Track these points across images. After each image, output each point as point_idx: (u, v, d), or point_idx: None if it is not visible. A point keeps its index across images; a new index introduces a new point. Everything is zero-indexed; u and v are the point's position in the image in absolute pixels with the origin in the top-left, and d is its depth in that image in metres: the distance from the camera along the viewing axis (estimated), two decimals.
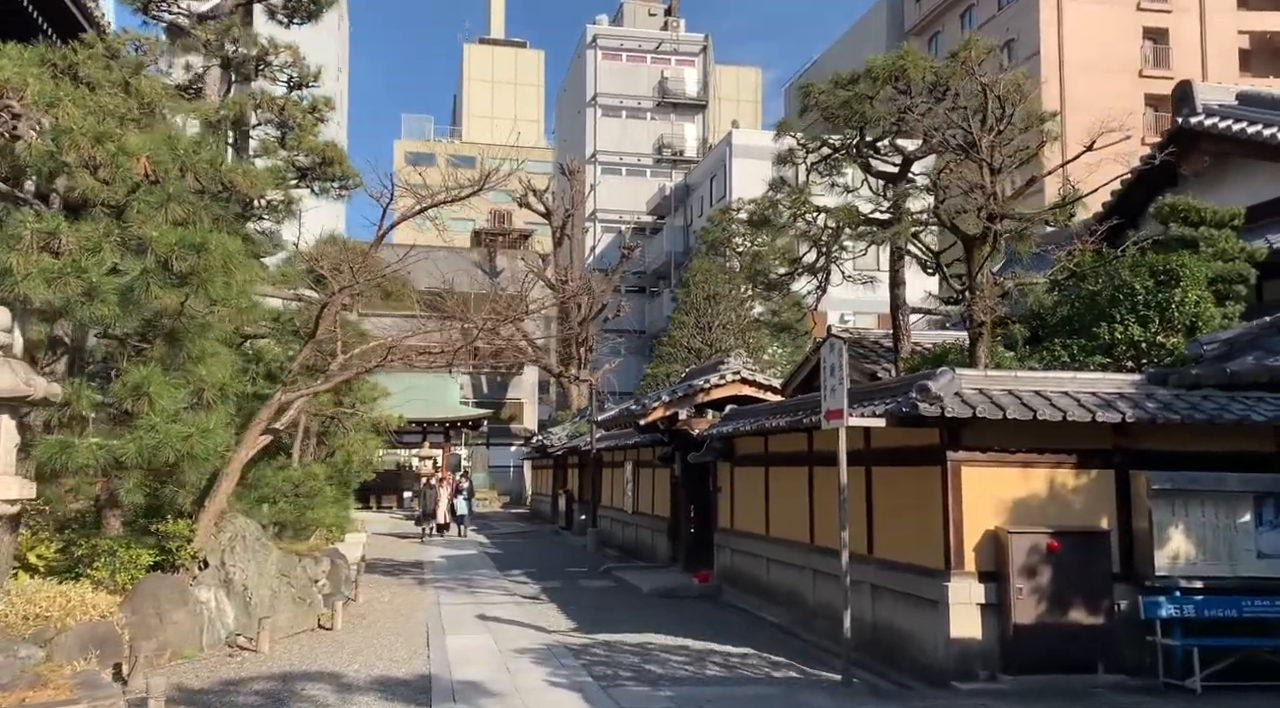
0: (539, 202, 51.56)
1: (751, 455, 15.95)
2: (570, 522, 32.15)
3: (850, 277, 14.19)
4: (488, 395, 54.57)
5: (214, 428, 9.21)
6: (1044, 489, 10.18)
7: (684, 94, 63.26)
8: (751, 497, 15.86)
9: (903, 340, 13.38)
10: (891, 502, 11.39)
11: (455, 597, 16.33)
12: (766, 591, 15.02)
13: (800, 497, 13.85)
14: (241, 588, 11.41)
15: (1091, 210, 12.77)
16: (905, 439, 10.86)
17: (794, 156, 13.66)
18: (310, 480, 14.59)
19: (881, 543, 11.59)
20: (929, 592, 10.29)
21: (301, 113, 14.62)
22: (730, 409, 16.92)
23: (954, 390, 10.01)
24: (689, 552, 19.62)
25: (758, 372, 18.19)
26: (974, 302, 11.15)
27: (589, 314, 48.91)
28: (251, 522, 11.86)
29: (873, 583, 11.66)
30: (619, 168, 62.58)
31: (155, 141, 8.96)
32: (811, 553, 13.44)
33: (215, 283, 8.94)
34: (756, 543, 15.49)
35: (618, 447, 25.09)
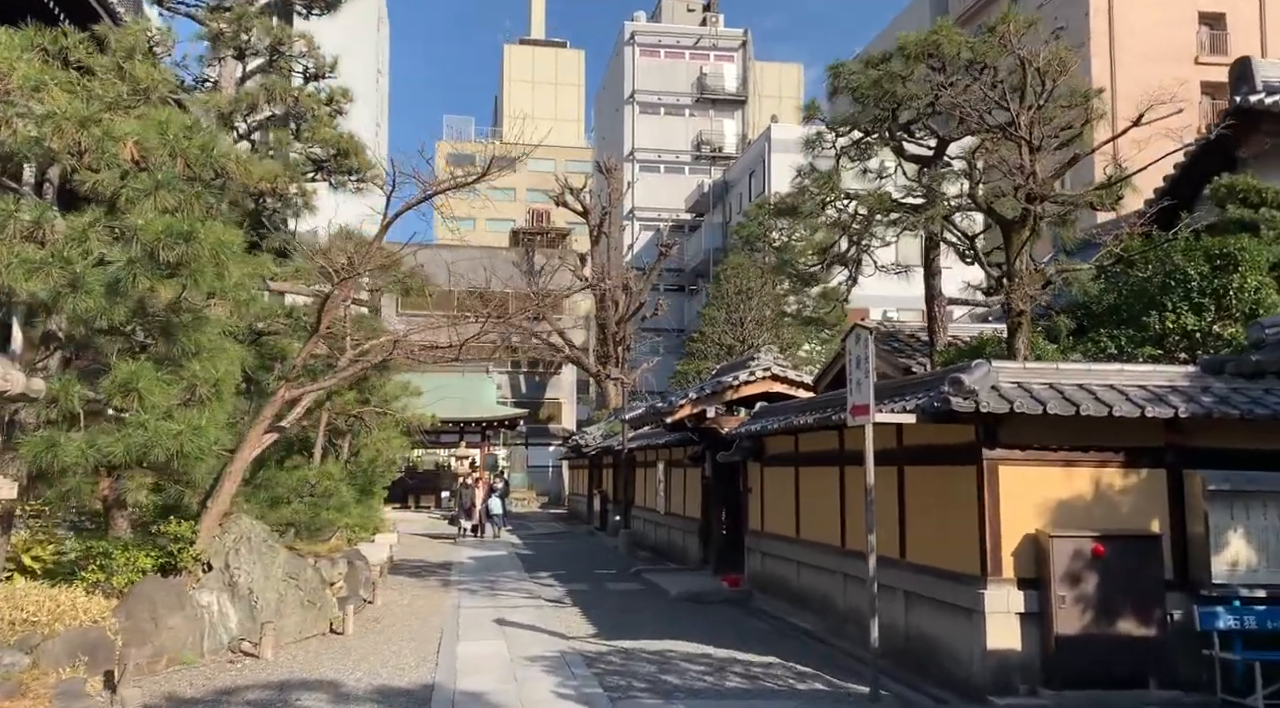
0: (576, 200, 51.20)
1: (781, 455, 15.32)
2: (605, 523, 31.68)
3: (884, 267, 13.50)
4: (526, 395, 54.33)
5: (206, 426, 8.81)
6: (1089, 490, 9.45)
7: (723, 90, 62.54)
8: (782, 498, 15.23)
9: (939, 333, 12.68)
10: (925, 503, 10.72)
11: (477, 600, 15.89)
12: (797, 596, 14.38)
13: (831, 498, 13.21)
14: (246, 591, 11.04)
15: (1141, 193, 11.93)
16: (939, 437, 10.20)
17: (822, 141, 13.01)
18: (326, 481, 14.21)
19: (914, 547, 10.93)
20: (964, 599, 9.61)
21: (316, 104, 14.25)
22: (760, 407, 16.31)
23: (990, 384, 9.33)
24: (720, 554, 19.02)
25: (789, 368, 17.55)
26: (1012, 290, 10.44)
27: (626, 313, 48.42)
28: (258, 523, 11.50)
29: (905, 589, 10.99)
30: (657, 165, 62.03)
31: (144, 127, 8.59)
32: (843, 557, 12.79)
33: (205, 274, 8.54)
34: (787, 546, 14.86)
35: (650, 446, 24.56)
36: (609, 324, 48.41)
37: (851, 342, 9.58)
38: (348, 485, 18.57)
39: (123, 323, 8.79)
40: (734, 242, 34.79)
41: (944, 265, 13.61)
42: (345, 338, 11.64)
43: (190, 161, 8.72)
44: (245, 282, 9.77)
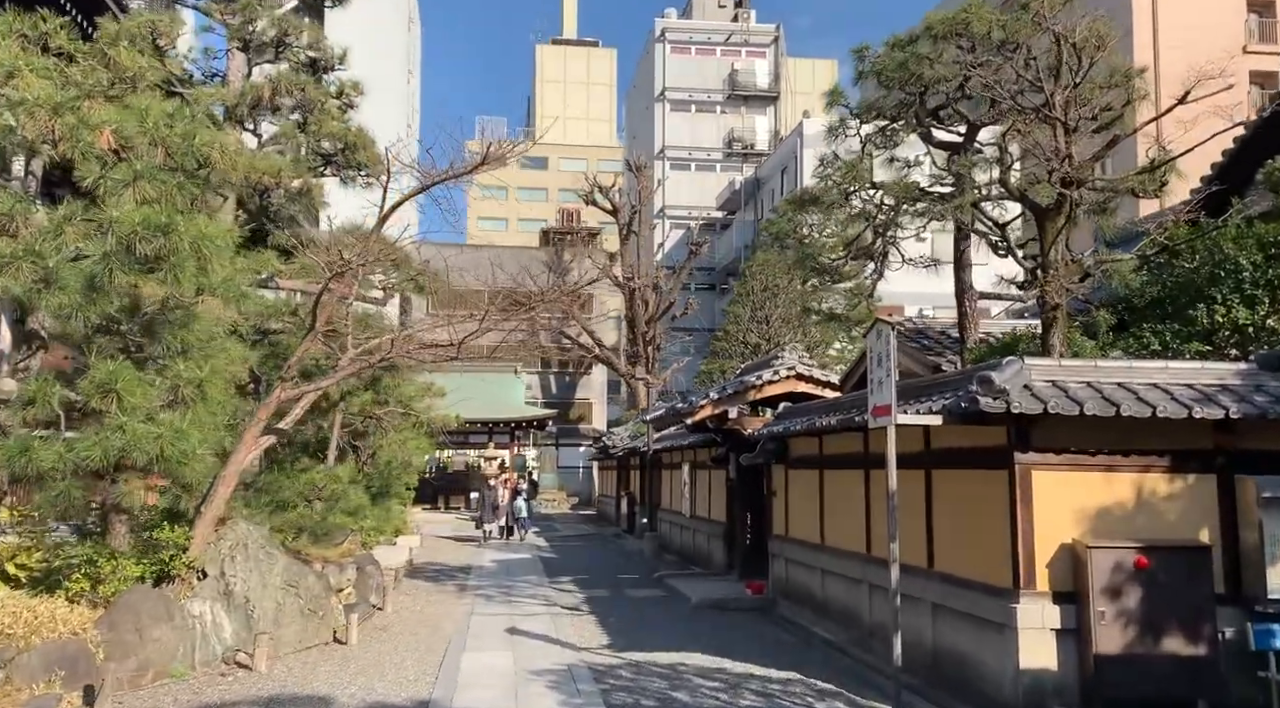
0: (605, 199, 50.73)
1: (805, 457, 14.70)
2: (633, 525, 31.14)
3: (912, 261, 12.82)
4: (556, 396, 53.98)
5: (188, 428, 8.39)
6: (1130, 497, 8.76)
7: (755, 86, 61.81)
8: (806, 502, 14.60)
9: (969, 329, 11.99)
10: (953, 510, 10.06)
11: (491, 607, 15.42)
12: (821, 604, 13.75)
13: (856, 503, 12.57)
14: (243, 600, 10.63)
15: (1188, 180, 11.15)
16: (967, 439, 9.55)
17: (845, 128, 12.36)
18: (334, 484, 13.79)
19: (942, 556, 10.27)
20: (995, 614, 8.96)
21: (324, 97, 13.84)
22: (784, 407, 15.69)
23: (1022, 383, 8.67)
24: (744, 559, 18.40)
25: (815, 367, 16.89)
26: (1047, 281, 9.74)
27: (656, 312, 47.87)
28: (256, 528, 11.09)
29: (933, 601, 10.34)
30: (688, 163, 61.44)
31: (122, 114, 8.18)
32: (868, 565, 12.15)
33: (186, 268, 8.11)
34: (811, 552, 14.23)
35: (674, 447, 23.97)
36: (639, 323, 47.89)
37: (872, 337, 8.96)
38: (363, 488, 18.23)
39: (105, 321, 8.37)
40: (764, 239, 34.14)
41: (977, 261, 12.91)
42: (348, 336, 11.18)
43: (171, 151, 8.31)
44: (236, 277, 9.31)
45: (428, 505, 43.34)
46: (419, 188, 10.53)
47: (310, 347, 10.32)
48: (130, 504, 10.35)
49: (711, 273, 57.07)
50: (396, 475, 19.44)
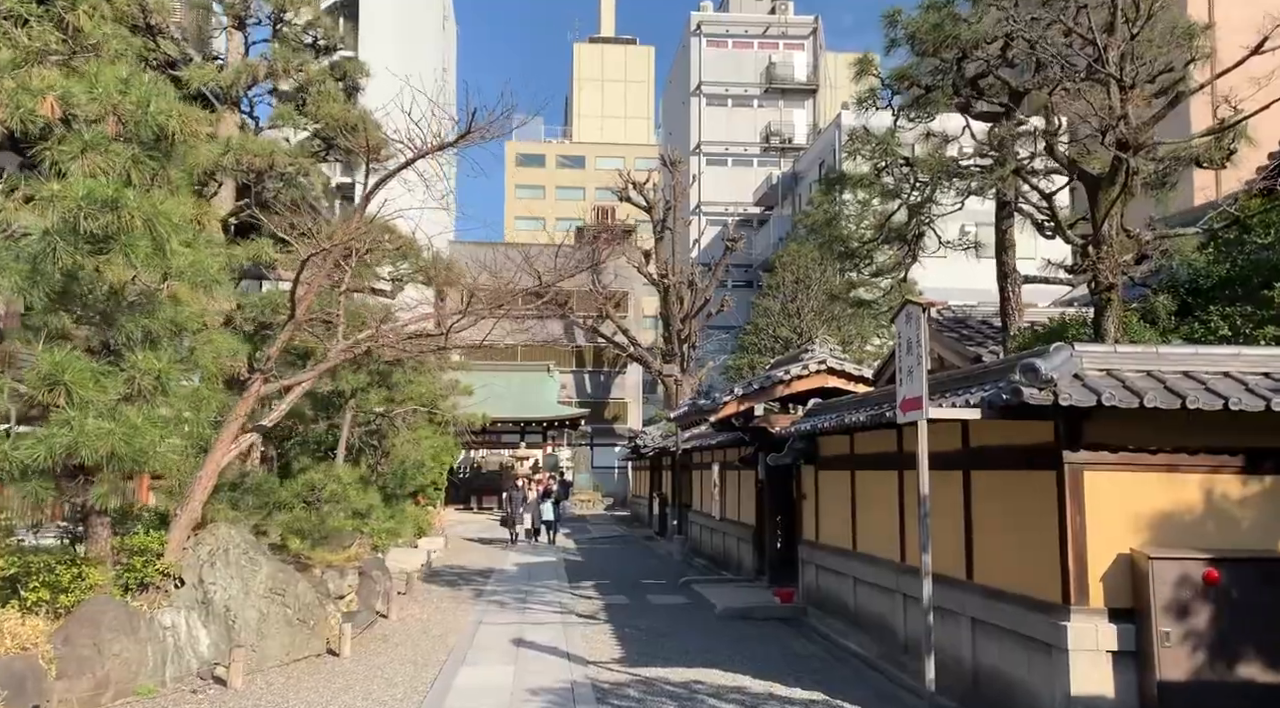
0: (640, 195, 49.87)
1: (836, 457, 13.71)
2: (664, 527, 30.24)
3: (949, 243, 11.80)
4: (591, 395, 53.23)
5: (143, 425, 7.65)
6: (1198, 501, 7.70)
7: (792, 79, 60.56)
8: (837, 505, 13.61)
9: (1012, 315, 10.94)
10: (995, 514, 9.04)
11: (503, 614, 14.61)
12: (852, 615, 12.76)
13: (889, 507, 11.58)
14: (222, 609, 9.90)
15: (1260, 148, 10.00)
16: (1011, 436, 8.55)
17: (875, 99, 11.36)
18: (333, 484, 13.05)
19: (983, 566, 9.25)
20: (1042, 632, 7.95)
21: (324, 76, 13.11)
22: (813, 404, 14.70)
23: (1072, 372, 7.67)
24: (774, 565, 17.44)
25: (847, 361, 15.87)
26: (1100, 259, 8.69)
27: (691, 309, 46.91)
28: (238, 532, 10.36)
29: (973, 616, 9.33)
30: (724, 158, 60.39)
31: (69, 81, 7.47)
32: (902, 574, 11.15)
33: (138, 248, 7.37)
34: (842, 559, 13.24)
35: (704, 447, 23.04)
36: (673, 321, 46.97)
37: (901, 322, 7.98)
38: (376, 489, 17.54)
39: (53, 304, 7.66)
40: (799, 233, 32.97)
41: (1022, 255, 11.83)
42: (339, 328, 10.42)
43: (125, 119, 7.57)
44: (207, 262, 8.56)
45: (461, 506, 42.84)
46: (404, 163, 9.74)
47: (290, 337, 9.57)
48: (104, 506, 9.70)
49: (748, 270, 55.93)
50: (412, 476, 18.69)
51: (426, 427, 19.98)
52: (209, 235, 13.62)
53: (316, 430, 17.85)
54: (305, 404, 17.05)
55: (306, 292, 9.47)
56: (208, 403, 10.48)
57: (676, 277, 47.45)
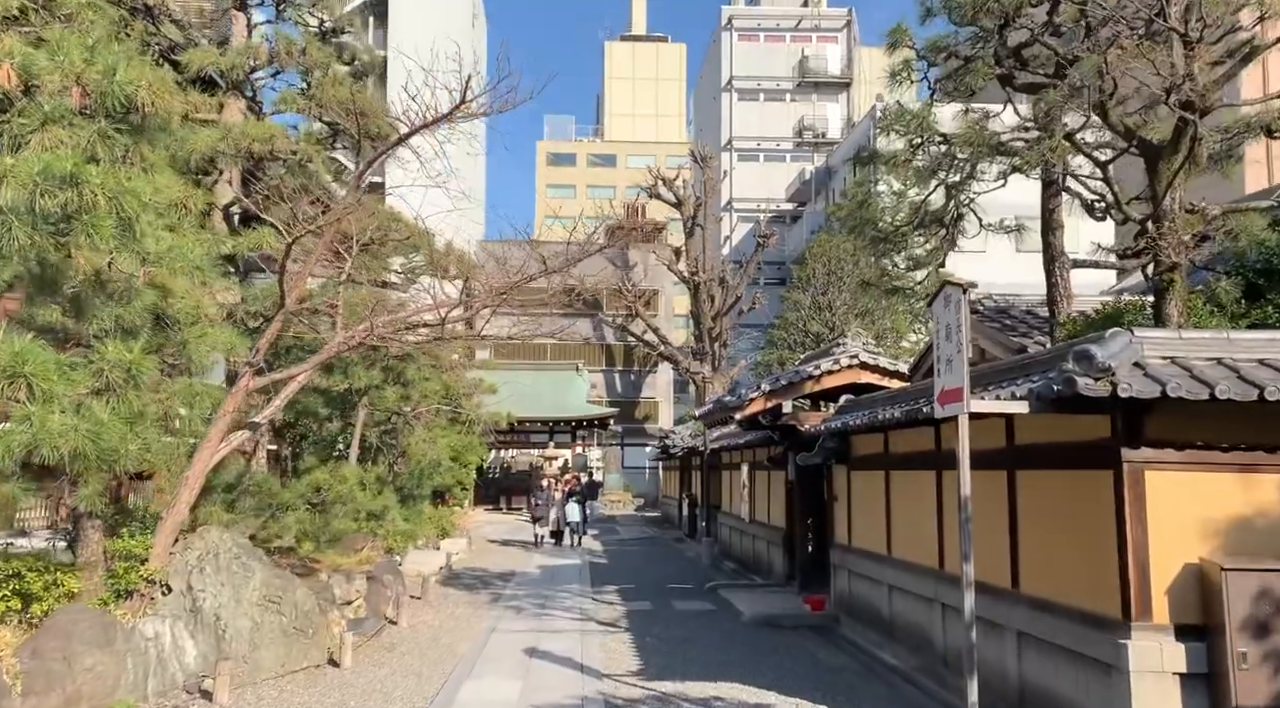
0: (670, 191, 49.14)
1: (869, 457, 12.91)
2: (694, 529, 29.46)
3: (990, 226, 10.96)
4: (621, 394, 52.54)
5: (109, 421, 7.06)
6: (1276, 505, 6.86)
7: (826, 72, 59.52)
8: (870, 507, 12.81)
9: (1060, 302, 10.09)
10: (1044, 518, 8.23)
11: (518, 621, 13.95)
12: (887, 624, 11.96)
13: (926, 510, 10.78)
14: (212, 618, 9.32)
15: None
16: (1062, 432, 7.75)
17: (910, 71, 10.56)
18: (340, 485, 12.44)
19: (1030, 575, 8.44)
20: (1099, 650, 7.14)
21: (330, 59, 12.53)
22: (845, 400, 13.90)
23: (1131, 359, 6.87)
24: (805, 570, 16.63)
25: (880, 355, 15.05)
26: (1162, 236, 7.85)
27: (722, 307, 46.13)
28: (230, 535, 9.78)
29: (1019, 630, 8.52)
30: (756, 154, 59.47)
31: (29, 50, 6.90)
32: (940, 582, 10.35)
33: (102, 229, 6.77)
34: (876, 565, 12.44)
35: (732, 447, 22.27)
36: (704, 320, 46.21)
37: (939, 306, 7.20)
38: (391, 489, 16.97)
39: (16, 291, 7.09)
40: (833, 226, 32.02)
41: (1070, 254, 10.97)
42: (336, 319, 9.81)
43: (91, 90, 6.99)
44: (187, 247, 7.97)
45: (490, 506, 42.38)
46: (396, 141, 9.11)
47: (280, 328, 8.98)
48: (91, 508, 9.17)
49: (780, 267, 54.96)
50: (429, 475, 18.09)
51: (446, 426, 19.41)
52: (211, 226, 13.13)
53: (330, 429, 17.32)
54: (318, 402, 16.54)
55: (298, 280, 8.88)
56: (201, 399, 9.91)
57: (707, 274, 46.69)
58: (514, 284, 9.44)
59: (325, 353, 9.48)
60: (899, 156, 10.29)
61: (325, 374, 16.04)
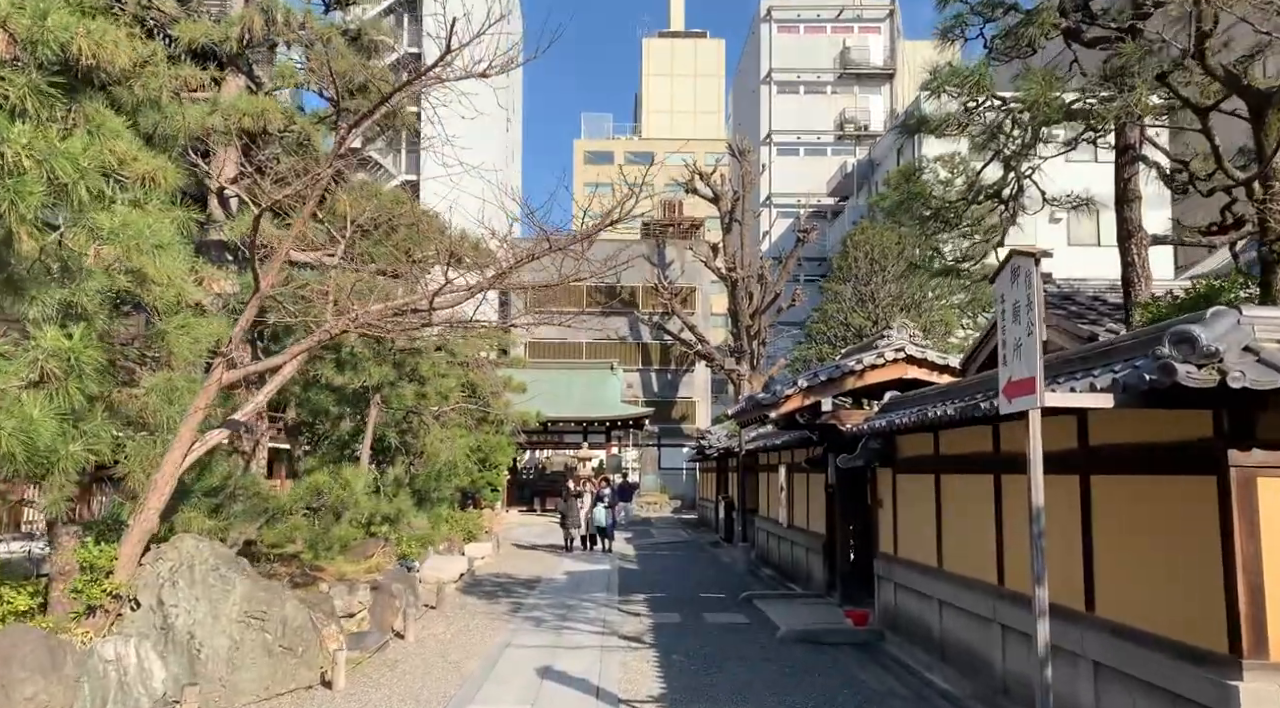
0: (707, 186, 48.03)
1: (917, 459, 11.75)
2: (730, 533, 28.33)
3: (1054, 201, 9.78)
4: (658, 394, 51.49)
5: (40, 418, 6.15)
6: None
7: (868, 63, 57.99)
8: (919, 515, 11.66)
9: (1137, 284, 8.89)
10: (1126, 531, 7.06)
11: (535, 635, 12.96)
12: (938, 644, 10.81)
13: (983, 518, 9.62)
14: (186, 637, 8.42)
15: None
16: (1150, 430, 6.59)
17: (963, 27, 9.40)
18: (340, 490, 11.53)
19: (1109, 596, 7.27)
20: (1200, 691, 5.98)
21: (331, 32, 11.63)
22: (890, 397, 12.74)
23: (1241, 343, 5.70)
24: (846, 580, 15.48)
25: (929, 348, 13.86)
26: (1271, 198, 6.66)
27: (761, 305, 44.92)
28: (208, 544, 8.88)
29: (1095, 659, 7.35)
30: (796, 148, 58.09)
31: None
32: (1000, 600, 9.19)
33: (28, 196, 5.87)
34: (925, 578, 11.29)
35: (769, 448, 21.12)
36: (742, 317, 45.04)
37: (1004, 281, 6.07)
38: (407, 492, 16.09)
39: None
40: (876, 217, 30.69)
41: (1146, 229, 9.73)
42: (328, 307, 8.88)
43: (19, 38, 6.09)
44: (141, 223, 7.07)
45: (525, 508, 41.60)
46: (377, 104, 8.13)
47: (255, 314, 8.06)
48: (55, 514, 8.34)
49: (821, 263, 53.57)
50: (447, 477, 17.17)
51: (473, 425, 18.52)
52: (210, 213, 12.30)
53: (344, 429, 16.48)
54: (329, 400, 15.70)
55: (275, 260, 7.98)
56: (182, 395, 9.03)
57: (745, 271, 45.50)
58: (514, 265, 8.44)
59: (308, 344, 8.55)
60: (951, 119, 9.14)
61: (337, 370, 15.21)
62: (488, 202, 10.35)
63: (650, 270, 51.71)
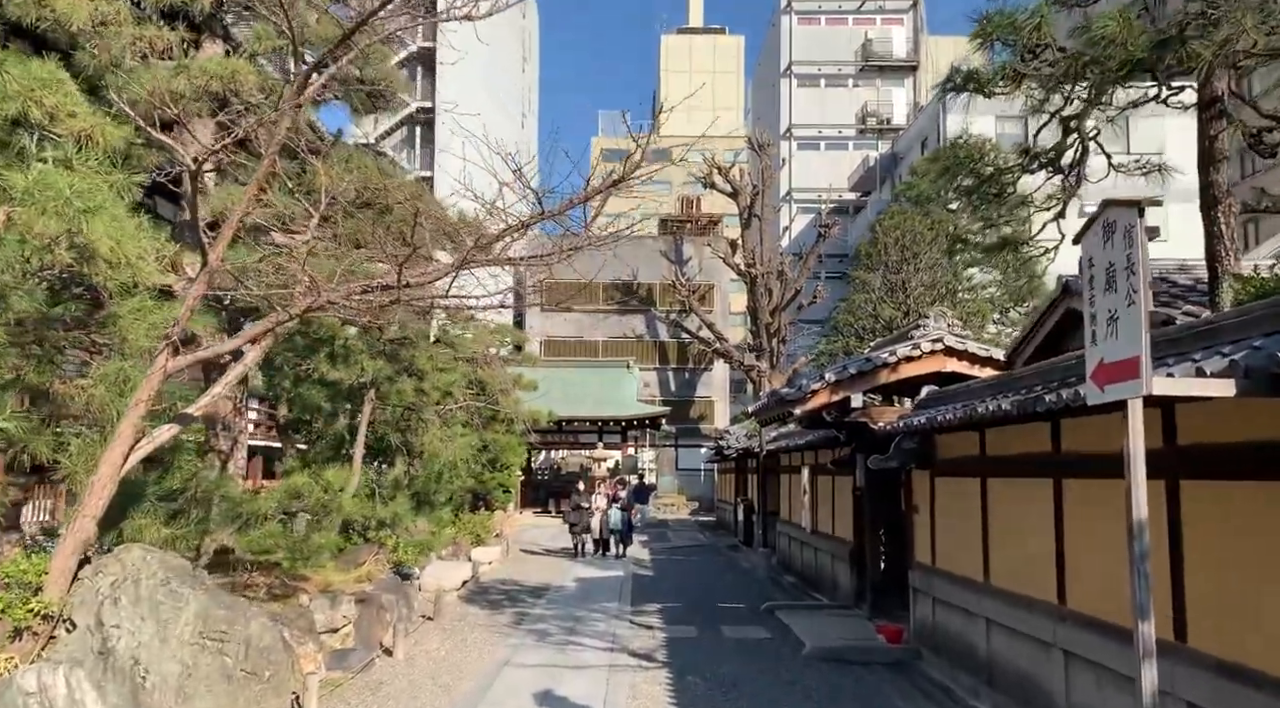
0: (725, 180, 46.87)
1: (960, 460, 10.58)
2: (750, 536, 27.16)
3: (1123, 167, 8.60)
4: (675, 393, 50.38)
5: None
6: None
7: (891, 55, 56.58)
8: (961, 522, 10.49)
9: (1225, 259, 7.70)
10: (1229, 549, 5.88)
11: (538, 651, 11.86)
12: (985, 667, 9.64)
13: (1041, 528, 8.46)
14: (129, 662, 7.37)
15: None
16: (1260, 427, 5.42)
17: None
18: (320, 494, 10.45)
19: (1206, 625, 6.10)
20: None
21: None
22: (928, 392, 11.59)
23: None
24: (877, 591, 14.31)
25: (969, 339, 12.68)
26: None
27: (781, 302, 43.70)
28: (157, 555, 7.82)
29: (1188, 700, 6.17)
30: (817, 142, 56.77)
31: None
32: (1061, 623, 8.02)
33: None
34: (970, 594, 10.11)
35: (791, 448, 19.96)
36: (761, 314, 43.84)
37: (1094, 240, 4.90)
38: (405, 494, 15.04)
39: None
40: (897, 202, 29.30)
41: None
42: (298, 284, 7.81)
43: None
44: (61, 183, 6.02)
45: (539, 509, 40.57)
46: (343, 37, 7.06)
47: (202, 290, 7.02)
48: None
49: (843, 260, 52.26)
50: (448, 479, 16.10)
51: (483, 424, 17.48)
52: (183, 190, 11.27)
53: (339, 427, 15.45)
54: (321, 396, 14.68)
55: (226, 228, 6.94)
56: (135, 387, 7.99)
57: (765, 267, 44.31)
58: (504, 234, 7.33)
59: (265, 325, 7.49)
60: (1006, 72, 7.97)
61: (330, 364, 14.20)
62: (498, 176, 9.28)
63: (668, 267, 50.62)
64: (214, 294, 10.51)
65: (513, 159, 7.15)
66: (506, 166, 7.09)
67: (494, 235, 7.35)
